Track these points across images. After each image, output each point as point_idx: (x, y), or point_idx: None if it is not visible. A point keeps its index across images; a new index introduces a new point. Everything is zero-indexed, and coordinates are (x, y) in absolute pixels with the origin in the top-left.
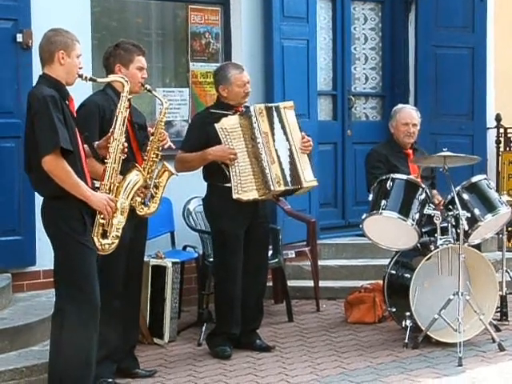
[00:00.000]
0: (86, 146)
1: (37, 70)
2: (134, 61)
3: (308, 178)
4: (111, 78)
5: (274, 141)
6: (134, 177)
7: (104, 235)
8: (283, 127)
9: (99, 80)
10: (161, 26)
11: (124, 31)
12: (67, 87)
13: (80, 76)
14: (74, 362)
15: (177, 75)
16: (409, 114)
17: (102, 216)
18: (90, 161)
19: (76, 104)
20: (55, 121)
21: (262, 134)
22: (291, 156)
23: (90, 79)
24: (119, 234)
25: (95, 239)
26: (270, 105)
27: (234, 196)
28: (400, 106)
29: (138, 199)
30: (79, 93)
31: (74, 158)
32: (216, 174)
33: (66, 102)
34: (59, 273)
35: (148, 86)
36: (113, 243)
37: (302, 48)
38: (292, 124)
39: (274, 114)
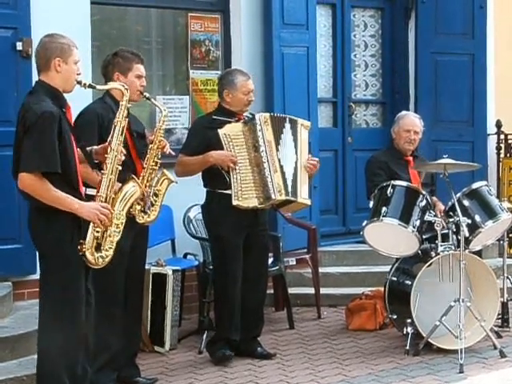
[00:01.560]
0: (79, 150)
1: (36, 78)
2: (132, 69)
3: (303, 195)
4: (111, 85)
5: (277, 150)
6: (131, 188)
7: (98, 249)
8: (295, 140)
9: (98, 87)
10: (161, 33)
11: (124, 39)
12: (66, 94)
13: (79, 83)
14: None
15: (177, 83)
16: (411, 121)
17: (96, 228)
18: (85, 167)
19: (75, 112)
20: (46, 142)
21: (266, 142)
22: (295, 169)
23: (89, 86)
24: (113, 248)
25: (88, 253)
26: (286, 116)
27: (234, 202)
28: (404, 112)
29: (138, 207)
30: (79, 100)
31: (67, 169)
32: (216, 180)
33: (64, 109)
34: (43, 283)
35: (147, 94)
36: (107, 257)
37: (301, 55)
38: (303, 142)
39: (288, 125)
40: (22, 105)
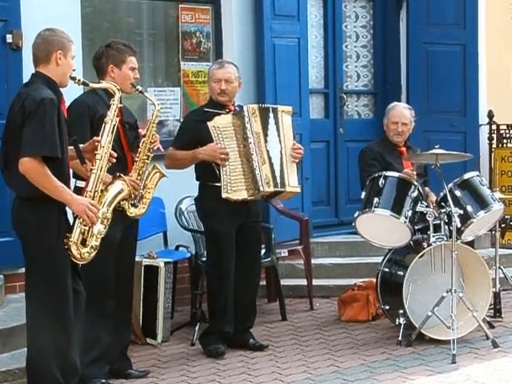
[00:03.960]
0: (71, 148)
1: (27, 70)
2: (126, 61)
3: (292, 184)
4: (103, 84)
5: (265, 141)
6: (119, 186)
7: (83, 244)
8: (278, 129)
9: (91, 85)
10: (152, 25)
11: (115, 31)
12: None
13: (73, 78)
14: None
15: (168, 75)
16: (399, 113)
17: (83, 222)
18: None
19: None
20: (47, 127)
21: (254, 134)
22: (281, 158)
23: (83, 83)
24: (98, 244)
25: (74, 247)
26: (267, 106)
27: (223, 195)
28: (393, 104)
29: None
30: (72, 93)
31: (60, 160)
32: (207, 173)
33: (59, 102)
34: (28, 274)
35: (140, 88)
36: (91, 253)
37: (293, 46)
38: (286, 129)
39: (271, 114)
40: (18, 95)
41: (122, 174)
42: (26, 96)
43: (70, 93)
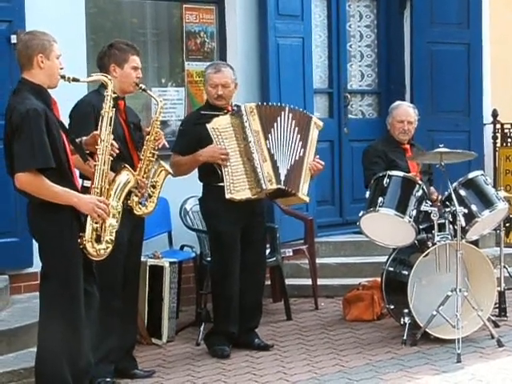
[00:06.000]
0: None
1: None
2: (128, 60)
3: (304, 191)
4: (94, 77)
5: (266, 139)
6: (125, 177)
7: (98, 240)
8: (306, 135)
9: (82, 80)
10: (156, 25)
11: (119, 31)
12: (63, 88)
13: (63, 77)
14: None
15: (172, 75)
16: (404, 112)
17: (94, 220)
18: (76, 157)
19: (69, 106)
20: (35, 140)
21: (254, 132)
22: (300, 163)
23: (74, 80)
24: (113, 238)
25: (89, 245)
26: (286, 106)
27: (227, 196)
28: (397, 103)
29: (136, 199)
30: (74, 94)
31: (59, 163)
32: (210, 174)
33: (49, 105)
34: (43, 278)
35: (143, 86)
36: (107, 248)
37: (297, 46)
38: (313, 140)
39: (288, 114)
40: (7, 106)
41: (126, 165)
42: (13, 108)
43: (73, 92)
